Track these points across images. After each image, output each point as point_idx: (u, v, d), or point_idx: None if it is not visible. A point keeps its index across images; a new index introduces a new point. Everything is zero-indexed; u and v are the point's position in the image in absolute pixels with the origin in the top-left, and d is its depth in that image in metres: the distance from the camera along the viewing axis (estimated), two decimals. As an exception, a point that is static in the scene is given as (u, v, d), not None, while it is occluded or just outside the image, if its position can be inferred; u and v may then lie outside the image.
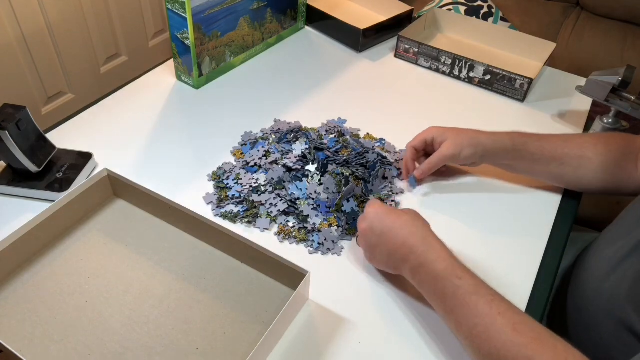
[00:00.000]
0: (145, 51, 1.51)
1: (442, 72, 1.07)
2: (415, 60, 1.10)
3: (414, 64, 1.11)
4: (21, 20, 1.13)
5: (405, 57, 1.12)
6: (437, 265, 0.58)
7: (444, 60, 1.06)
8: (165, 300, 0.63)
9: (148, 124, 0.91)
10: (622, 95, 0.87)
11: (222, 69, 1.03)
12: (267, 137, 0.87)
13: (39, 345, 0.58)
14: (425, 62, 1.09)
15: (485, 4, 1.64)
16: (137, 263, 0.67)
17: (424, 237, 0.61)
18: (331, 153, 0.81)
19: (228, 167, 0.81)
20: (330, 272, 0.68)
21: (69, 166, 0.78)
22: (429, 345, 0.61)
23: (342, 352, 0.59)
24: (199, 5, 0.90)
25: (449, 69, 1.06)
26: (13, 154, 0.70)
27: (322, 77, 1.06)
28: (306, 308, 0.64)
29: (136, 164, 0.82)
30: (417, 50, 1.08)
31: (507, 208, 0.79)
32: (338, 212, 0.74)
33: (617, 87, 0.87)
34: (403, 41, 1.10)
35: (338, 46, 1.16)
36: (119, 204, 0.75)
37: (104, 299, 0.63)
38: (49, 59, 1.24)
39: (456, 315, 0.56)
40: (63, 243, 0.69)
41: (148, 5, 1.45)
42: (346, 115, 0.94)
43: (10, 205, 0.74)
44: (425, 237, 0.61)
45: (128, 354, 0.57)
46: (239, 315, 0.62)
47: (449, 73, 1.07)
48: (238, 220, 0.73)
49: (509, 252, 0.72)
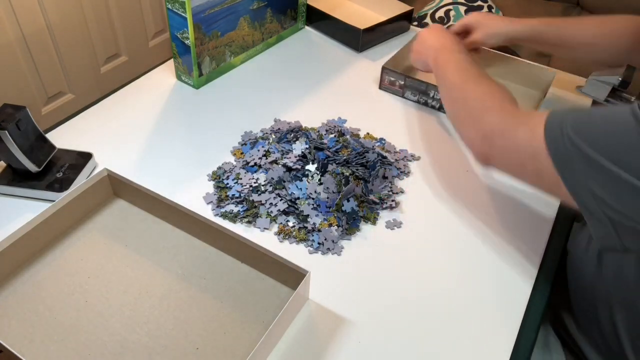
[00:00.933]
0: (145, 51, 1.51)
1: (431, 107, 0.97)
2: (402, 93, 1.00)
3: (400, 97, 1.00)
4: (21, 20, 1.13)
5: (390, 89, 1.01)
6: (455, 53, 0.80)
7: (432, 94, 0.96)
8: (165, 300, 0.63)
9: (148, 123, 0.91)
10: (622, 95, 0.87)
11: (222, 68, 1.03)
12: (267, 136, 0.87)
13: (39, 345, 0.58)
14: (412, 95, 0.99)
15: (485, 4, 1.64)
16: (137, 263, 0.67)
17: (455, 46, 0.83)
18: (331, 153, 0.81)
19: (228, 167, 0.81)
20: (330, 272, 0.68)
21: (69, 166, 0.78)
22: (428, 345, 0.61)
23: (342, 352, 0.59)
24: (199, 5, 0.90)
25: (439, 104, 0.96)
26: (13, 154, 0.70)
27: (322, 77, 1.06)
28: (306, 308, 0.64)
29: (136, 163, 0.82)
30: (404, 83, 0.98)
31: (508, 203, 0.79)
32: (338, 211, 0.74)
33: (617, 87, 0.87)
34: (388, 73, 0.99)
35: (338, 46, 1.16)
36: (119, 204, 0.75)
37: (104, 299, 0.63)
38: (49, 59, 1.24)
39: (444, 69, 0.78)
40: (63, 243, 0.69)
41: (148, 5, 1.45)
42: (346, 115, 0.94)
43: (10, 205, 0.74)
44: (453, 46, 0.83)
45: (128, 354, 0.57)
46: (239, 315, 0.62)
47: (438, 108, 0.97)
48: (238, 220, 0.73)
49: (510, 248, 0.72)
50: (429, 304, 0.65)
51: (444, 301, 0.65)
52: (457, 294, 0.66)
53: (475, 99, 0.70)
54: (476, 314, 0.64)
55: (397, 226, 0.75)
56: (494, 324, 0.63)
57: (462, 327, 0.63)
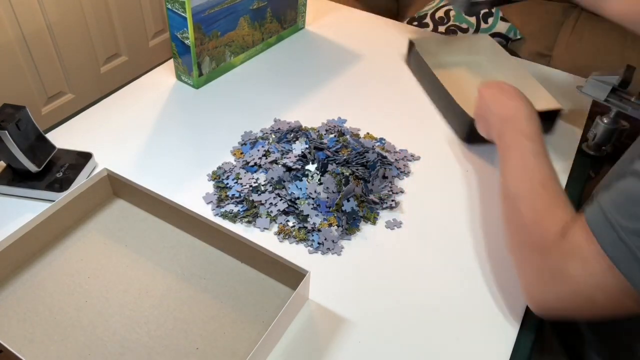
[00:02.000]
0: (145, 51, 1.51)
1: None
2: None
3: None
4: (21, 20, 1.13)
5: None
6: (524, 130, 0.68)
7: None
8: (165, 300, 0.63)
9: (148, 123, 0.91)
10: (622, 95, 0.87)
11: (222, 68, 1.03)
12: (267, 136, 0.87)
13: (39, 345, 0.58)
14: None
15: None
16: (136, 263, 0.67)
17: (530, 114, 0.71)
18: (331, 152, 0.81)
19: (228, 167, 0.81)
20: (330, 271, 0.68)
21: (69, 166, 0.78)
22: (428, 345, 0.61)
23: (342, 352, 0.59)
24: (198, 5, 0.90)
25: None
26: (13, 154, 0.70)
27: (322, 76, 1.06)
28: (306, 308, 0.64)
29: (136, 163, 0.82)
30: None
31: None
32: (338, 211, 0.74)
33: (617, 87, 0.87)
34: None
35: (338, 46, 1.16)
36: (119, 204, 0.75)
37: (104, 299, 0.62)
38: (49, 59, 1.24)
39: (506, 156, 0.67)
40: (63, 243, 0.69)
41: (148, 5, 1.45)
42: (346, 114, 0.94)
43: (10, 205, 0.74)
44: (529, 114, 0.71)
45: (128, 354, 0.57)
46: (238, 315, 0.62)
47: None
48: (238, 220, 0.73)
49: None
50: (428, 304, 0.65)
51: (444, 301, 0.65)
52: (457, 294, 0.66)
53: (525, 224, 0.59)
54: (476, 314, 0.64)
55: (397, 226, 0.75)
56: (494, 324, 0.63)
57: (462, 327, 0.63)
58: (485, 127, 0.78)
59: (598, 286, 0.50)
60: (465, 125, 0.88)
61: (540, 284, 0.56)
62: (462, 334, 0.62)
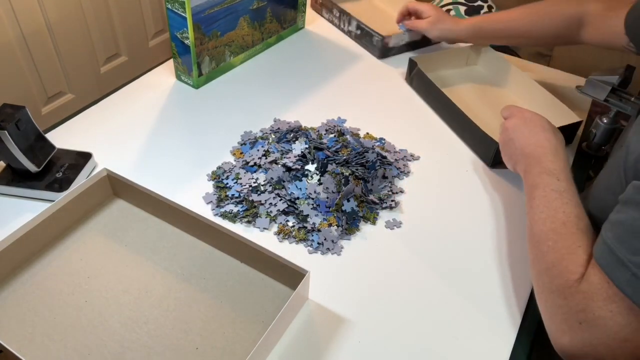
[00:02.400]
0: (145, 51, 1.51)
1: None
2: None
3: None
4: (21, 20, 1.13)
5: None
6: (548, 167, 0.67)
7: None
8: (165, 300, 0.63)
9: (148, 123, 0.91)
10: (622, 95, 0.87)
11: (221, 68, 1.03)
12: (266, 136, 0.87)
13: (39, 345, 0.58)
14: None
15: (485, 4, 1.64)
16: (136, 263, 0.67)
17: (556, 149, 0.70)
18: (331, 152, 0.81)
19: (228, 167, 0.81)
20: (330, 271, 0.68)
21: (69, 166, 0.78)
22: (428, 345, 0.61)
23: (341, 352, 0.59)
24: (198, 5, 0.90)
25: None
26: (12, 154, 0.70)
27: (322, 77, 1.06)
28: (306, 308, 0.64)
29: (136, 163, 0.82)
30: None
31: (508, 203, 0.79)
32: (338, 211, 0.74)
33: (617, 87, 0.87)
34: None
35: (338, 46, 1.16)
36: (119, 204, 0.75)
37: (103, 299, 0.63)
38: (49, 59, 1.24)
39: (531, 195, 0.65)
40: (63, 243, 0.69)
41: (148, 5, 1.45)
42: (346, 114, 0.94)
43: (10, 205, 0.74)
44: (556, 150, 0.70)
45: (128, 354, 0.57)
46: (238, 315, 0.62)
47: None
48: (238, 220, 0.73)
49: (510, 248, 0.72)
50: (428, 303, 0.65)
51: (444, 301, 0.65)
52: (457, 294, 0.66)
53: (547, 268, 0.57)
54: (476, 314, 0.64)
55: (396, 226, 0.75)
56: (494, 324, 0.63)
57: (462, 327, 0.63)
58: (512, 162, 0.76)
59: (629, 324, 0.48)
60: (489, 149, 0.85)
61: (568, 330, 0.53)
62: (461, 333, 0.62)
